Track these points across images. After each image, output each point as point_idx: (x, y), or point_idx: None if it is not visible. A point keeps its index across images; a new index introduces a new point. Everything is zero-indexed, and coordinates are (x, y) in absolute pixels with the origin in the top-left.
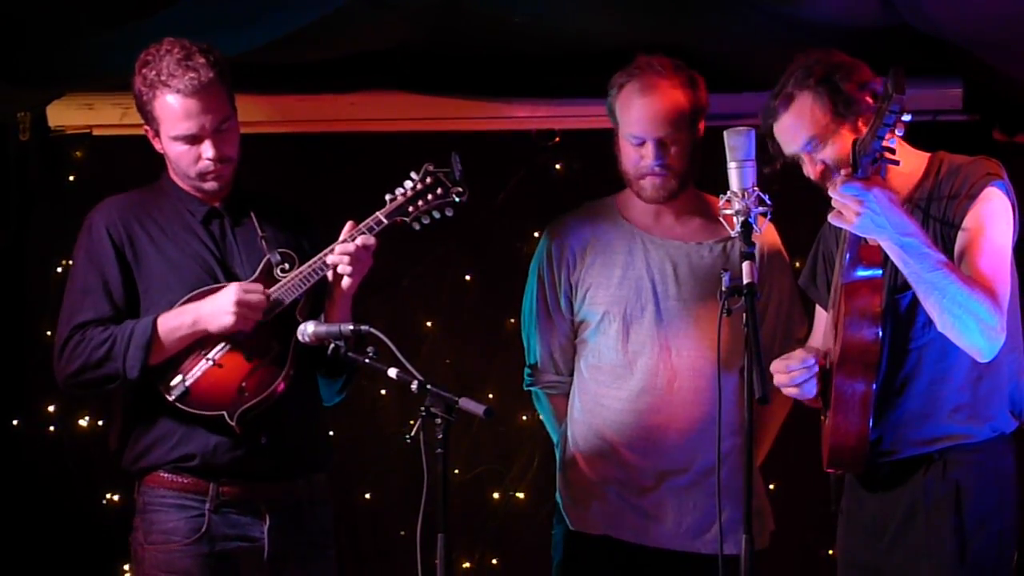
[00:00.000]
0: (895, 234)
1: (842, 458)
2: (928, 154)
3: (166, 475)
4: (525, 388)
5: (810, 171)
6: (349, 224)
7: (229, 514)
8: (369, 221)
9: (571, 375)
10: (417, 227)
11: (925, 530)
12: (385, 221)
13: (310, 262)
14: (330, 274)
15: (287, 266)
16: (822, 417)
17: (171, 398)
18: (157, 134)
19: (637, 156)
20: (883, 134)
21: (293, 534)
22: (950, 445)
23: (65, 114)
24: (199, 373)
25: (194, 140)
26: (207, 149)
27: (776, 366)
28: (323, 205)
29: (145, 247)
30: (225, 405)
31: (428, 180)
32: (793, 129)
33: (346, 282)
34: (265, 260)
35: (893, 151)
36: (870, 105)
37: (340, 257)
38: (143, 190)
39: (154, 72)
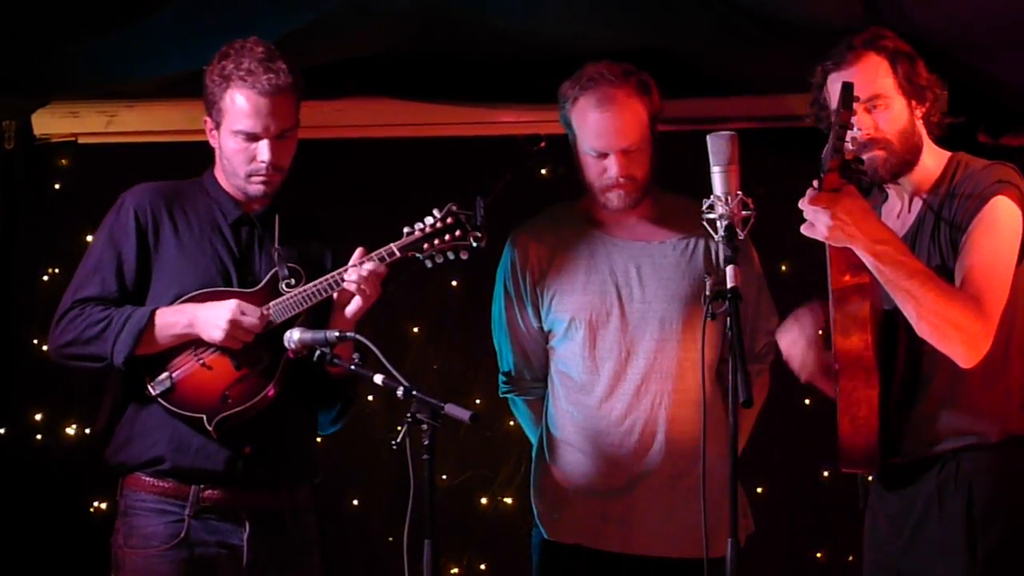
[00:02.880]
0: (868, 242)
1: (854, 459)
2: (949, 153)
3: (147, 478)
4: (501, 395)
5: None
6: (360, 250)
7: (209, 520)
8: (381, 251)
9: (545, 380)
10: (429, 264)
11: (939, 528)
12: (398, 254)
13: (315, 282)
14: (336, 295)
15: (292, 281)
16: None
17: (154, 392)
18: (217, 127)
19: (600, 169)
20: (840, 149)
21: (273, 541)
22: (964, 445)
23: (50, 122)
24: (187, 372)
25: (253, 139)
26: (263, 151)
27: (782, 338)
28: (310, 212)
29: (168, 236)
30: (206, 409)
31: (449, 220)
32: (860, 81)
33: (352, 307)
34: (272, 273)
35: (861, 160)
36: (934, 95)
37: (349, 278)
38: (181, 182)
39: (232, 65)
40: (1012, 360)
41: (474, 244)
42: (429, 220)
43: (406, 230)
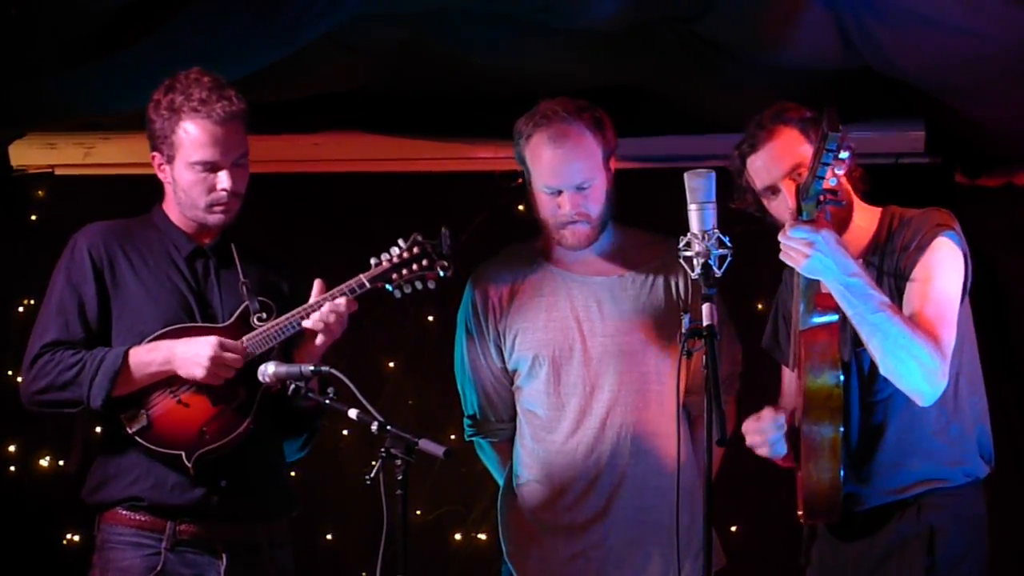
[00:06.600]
0: (841, 275)
1: (818, 506)
2: (879, 209)
3: (124, 512)
4: (467, 439)
5: (784, 202)
6: (319, 283)
7: (185, 553)
8: (351, 283)
9: (512, 420)
10: (398, 295)
11: (897, 572)
12: (368, 285)
13: (286, 316)
14: (307, 323)
15: (264, 315)
16: (797, 473)
17: (131, 431)
18: (170, 161)
19: (554, 206)
20: (823, 174)
21: (250, 574)
22: (925, 490)
23: (27, 153)
24: (163, 409)
25: (212, 168)
26: (223, 180)
27: (747, 426)
28: (285, 245)
29: (124, 273)
30: (184, 445)
31: (415, 250)
32: (779, 156)
33: (320, 340)
34: (243, 306)
35: (835, 192)
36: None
37: (322, 317)
38: (130, 220)
39: (182, 97)
40: (961, 401)
41: (441, 273)
42: (395, 250)
43: (373, 261)
